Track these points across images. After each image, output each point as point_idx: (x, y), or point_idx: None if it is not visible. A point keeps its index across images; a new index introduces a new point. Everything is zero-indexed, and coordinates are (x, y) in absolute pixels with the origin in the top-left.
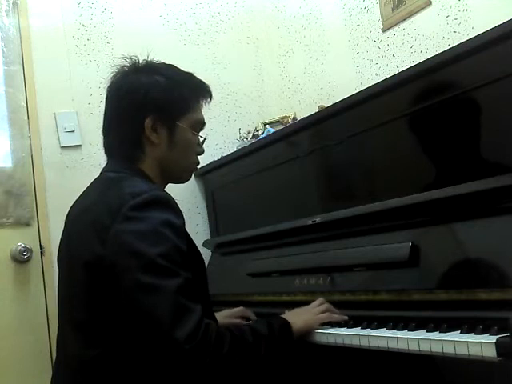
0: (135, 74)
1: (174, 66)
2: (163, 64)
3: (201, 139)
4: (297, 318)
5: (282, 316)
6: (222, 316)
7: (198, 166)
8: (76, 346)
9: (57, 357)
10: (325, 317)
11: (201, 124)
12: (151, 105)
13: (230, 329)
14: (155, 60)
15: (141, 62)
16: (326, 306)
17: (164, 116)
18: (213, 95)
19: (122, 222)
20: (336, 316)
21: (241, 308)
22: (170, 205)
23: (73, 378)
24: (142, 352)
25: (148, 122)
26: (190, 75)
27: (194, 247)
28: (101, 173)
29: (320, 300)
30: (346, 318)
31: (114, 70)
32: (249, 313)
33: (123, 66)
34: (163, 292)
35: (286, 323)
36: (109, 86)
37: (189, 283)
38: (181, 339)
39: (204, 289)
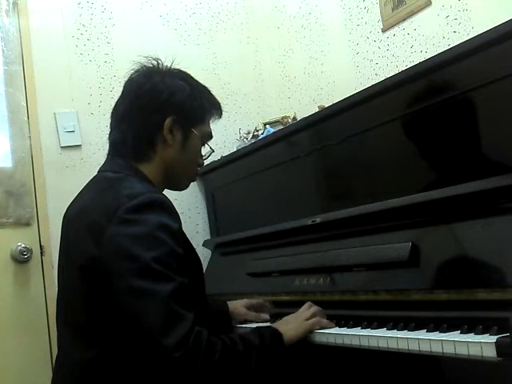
0: (159, 75)
1: (191, 76)
2: (184, 72)
3: (210, 150)
4: (287, 327)
5: (273, 326)
6: (242, 304)
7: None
8: (74, 347)
9: (57, 358)
10: (315, 323)
11: (208, 137)
12: (174, 107)
13: (221, 337)
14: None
15: (163, 65)
16: (315, 309)
17: (183, 120)
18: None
19: (118, 224)
20: (324, 321)
21: (261, 301)
22: (167, 208)
23: (71, 380)
24: (137, 354)
25: (168, 122)
26: (208, 89)
27: (191, 251)
28: (98, 172)
29: (308, 304)
30: (333, 325)
31: (134, 67)
32: (267, 309)
33: (144, 66)
34: (155, 297)
35: (278, 334)
36: (128, 84)
37: (183, 289)
38: (170, 347)
39: (201, 293)
